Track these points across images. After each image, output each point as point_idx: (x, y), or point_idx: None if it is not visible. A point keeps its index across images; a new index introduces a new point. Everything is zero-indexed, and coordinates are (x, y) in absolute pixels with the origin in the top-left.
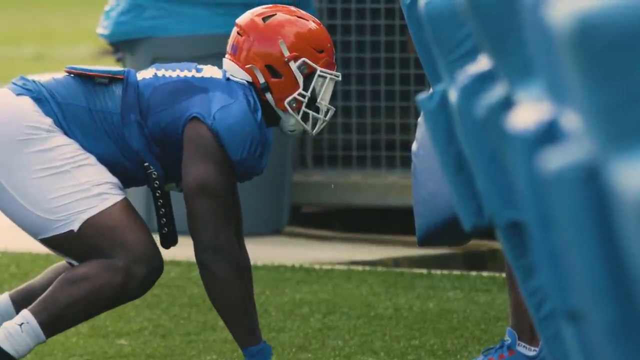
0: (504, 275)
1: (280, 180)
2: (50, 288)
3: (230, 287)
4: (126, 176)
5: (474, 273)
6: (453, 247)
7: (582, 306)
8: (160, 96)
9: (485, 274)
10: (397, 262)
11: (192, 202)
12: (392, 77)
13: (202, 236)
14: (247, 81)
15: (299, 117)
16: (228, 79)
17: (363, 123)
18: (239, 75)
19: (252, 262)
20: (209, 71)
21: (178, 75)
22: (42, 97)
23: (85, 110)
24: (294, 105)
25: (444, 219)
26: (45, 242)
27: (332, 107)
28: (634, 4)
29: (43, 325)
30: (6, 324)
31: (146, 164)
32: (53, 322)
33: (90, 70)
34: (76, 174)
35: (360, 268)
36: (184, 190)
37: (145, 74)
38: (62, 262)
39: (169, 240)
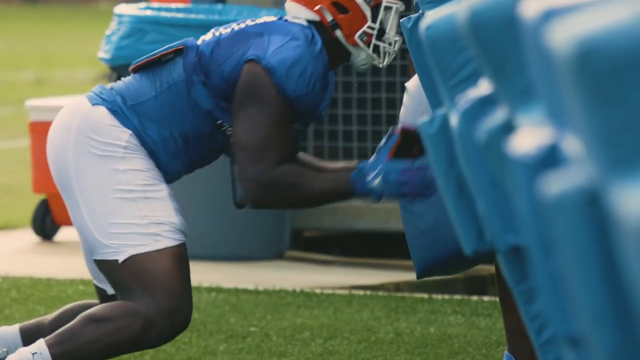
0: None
1: None
2: (71, 323)
3: (291, 195)
4: (211, 145)
5: (475, 298)
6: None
7: (583, 331)
8: (219, 51)
9: (486, 298)
10: (398, 286)
11: (237, 156)
12: (394, 100)
13: (246, 172)
14: (314, 21)
15: (369, 51)
16: (284, 20)
17: (364, 147)
18: (304, 14)
19: (253, 287)
20: (264, 18)
21: (233, 29)
22: (117, 108)
23: (153, 99)
24: (364, 39)
25: (448, 251)
26: (95, 262)
27: (399, 38)
28: (633, 28)
29: (55, 357)
30: (21, 349)
31: (219, 121)
32: (66, 357)
33: (154, 54)
34: (140, 205)
35: (361, 292)
36: (233, 136)
37: (205, 37)
38: (78, 302)
39: (243, 205)
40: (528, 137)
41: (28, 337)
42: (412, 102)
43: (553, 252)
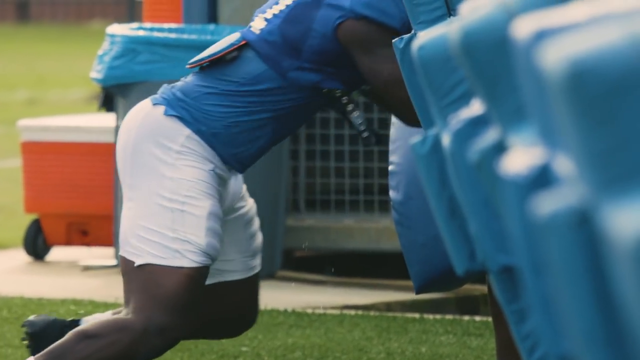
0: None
1: (273, 224)
2: (62, 339)
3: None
4: (308, 114)
5: (466, 317)
6: (446, 291)
7: (575, 351)
8: (291, 30)
9: (478, 318)
10: (389, 306)
11: (392, 96)
12: (386, 120)
13: (412, 115)
14: None
15: None
16: None
17: (356, 167)
18: None
19: None
20: None
21: (287, 5)
22: (177, 107)
23: (221, 94)
24: None
25: (448, 262)
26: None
27: None
28: (626, 49)
29: None
30: None
31: (325, 89)
32: None
33: (215, 54)
34: (175, 218)
35: (352, 312)
36: (378, 91)
37: (256, 25)
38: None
39: (373, 141)
40: (520, 158)
41: None
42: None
43: (545, 272)
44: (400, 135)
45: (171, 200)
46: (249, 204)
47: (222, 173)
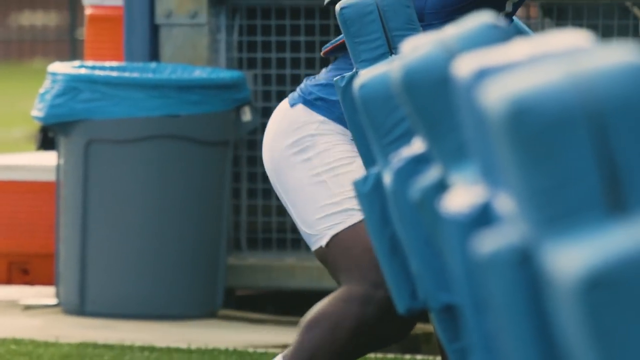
0: (438, 359)
1: (214, 263)
2: (297, 335)
3: None
4: None
5: (408, 356)
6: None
7: None
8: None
9: (419, 357)
10: None
11: None
12: None
13: None
14: None
15: None
16: None
17: None
18: None
19: (185, 346)
20: None
21: None
22: (310, 97)
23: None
24: None
25: None
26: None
27: None
28: (565, 88)
29: None
30: None
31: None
32: None
33: (341, 38)
34: (331, 184)
35: None
36: None
37: None
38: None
39: None
40: (461, 196)
41: None
42: None
43: (486, 311)
44: None
45: (319, 174)
46: None
47: None
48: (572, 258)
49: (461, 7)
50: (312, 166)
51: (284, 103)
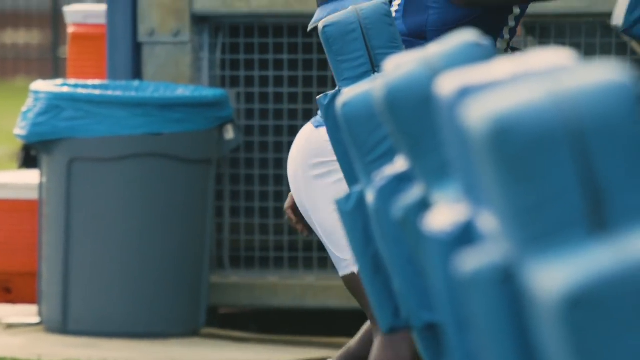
0: None
1: (197, 281)
2: None
3: None
4: None
5: None
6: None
7: None
8: (413, 20)
9: None
10: None
11: None
12: None
13: None
14: None
15: None
16: None
17: (280, 224)
18: None
19: None
20: None
21: (399, 4)
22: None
23: None
24: None
25: None
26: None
27: None
28: (547, 107)
29: None
30: None
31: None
32: None
33: None
34: None
35: None
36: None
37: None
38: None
39: None
40: (444, 214)
41: None
42: None
43: (468, 329)
44: None
45: None
46: None
47: None
48: (554, 277)
49: (462, 25)
50: (340, 189)
51: (309, 125)
